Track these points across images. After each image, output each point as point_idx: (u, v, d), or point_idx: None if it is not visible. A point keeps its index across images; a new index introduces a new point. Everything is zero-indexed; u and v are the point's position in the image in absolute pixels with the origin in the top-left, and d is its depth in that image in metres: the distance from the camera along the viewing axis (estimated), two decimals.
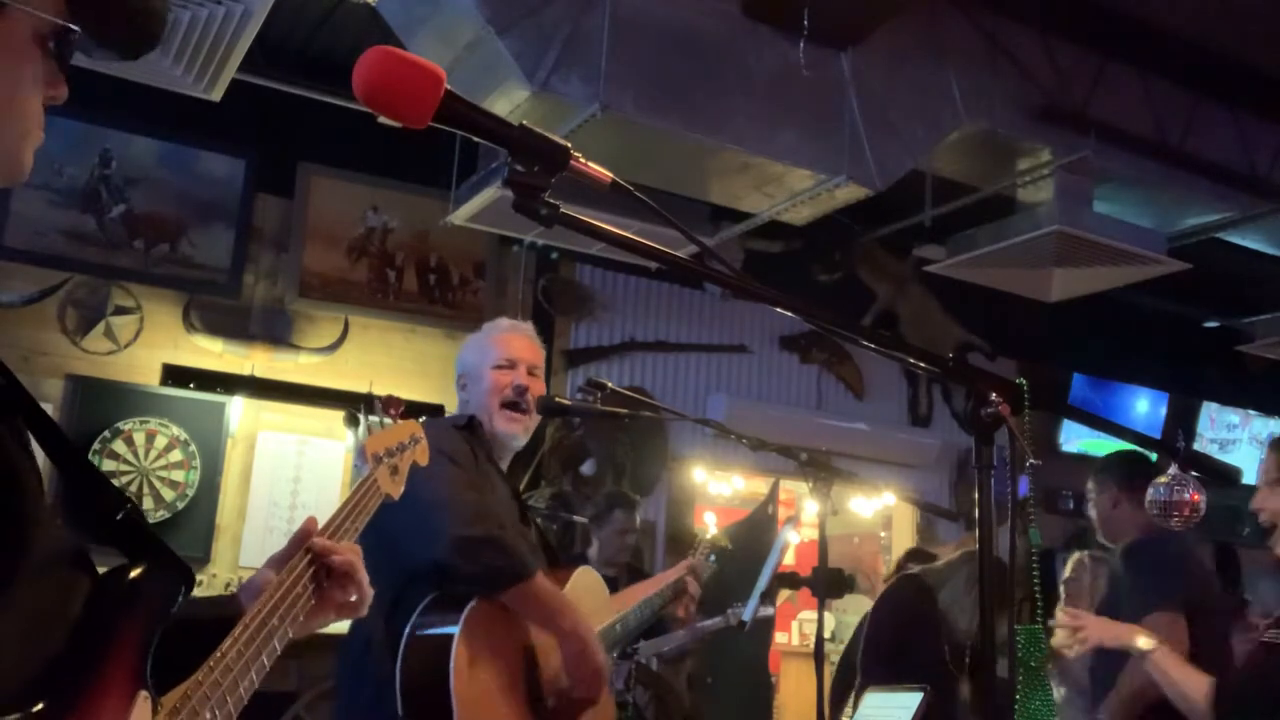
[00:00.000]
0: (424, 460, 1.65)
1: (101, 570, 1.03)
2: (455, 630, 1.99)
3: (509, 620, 2.11)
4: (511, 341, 2.46)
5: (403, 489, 1.55)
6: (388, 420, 1.61)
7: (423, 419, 1.82)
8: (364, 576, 1.33)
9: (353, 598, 1.32)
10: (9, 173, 1.05)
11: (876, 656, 3.67)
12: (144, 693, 0.97)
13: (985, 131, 4.67)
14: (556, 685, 2.15)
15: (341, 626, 2.16)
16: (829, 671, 4.02)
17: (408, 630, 2.03)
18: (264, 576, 1.29)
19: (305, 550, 1.28)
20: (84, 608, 0.98)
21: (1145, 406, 7.77)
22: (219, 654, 1.09)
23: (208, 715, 1.04)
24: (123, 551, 1.06)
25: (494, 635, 2.07)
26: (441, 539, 2.05)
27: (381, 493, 1.49)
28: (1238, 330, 7.01)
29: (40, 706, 0.89)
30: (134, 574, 1.01)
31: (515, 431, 2.41)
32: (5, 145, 1.03)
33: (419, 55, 1.06)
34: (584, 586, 2.39)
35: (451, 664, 1.96)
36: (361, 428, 1.65)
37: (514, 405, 2.40)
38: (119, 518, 1.05)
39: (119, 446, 5.01)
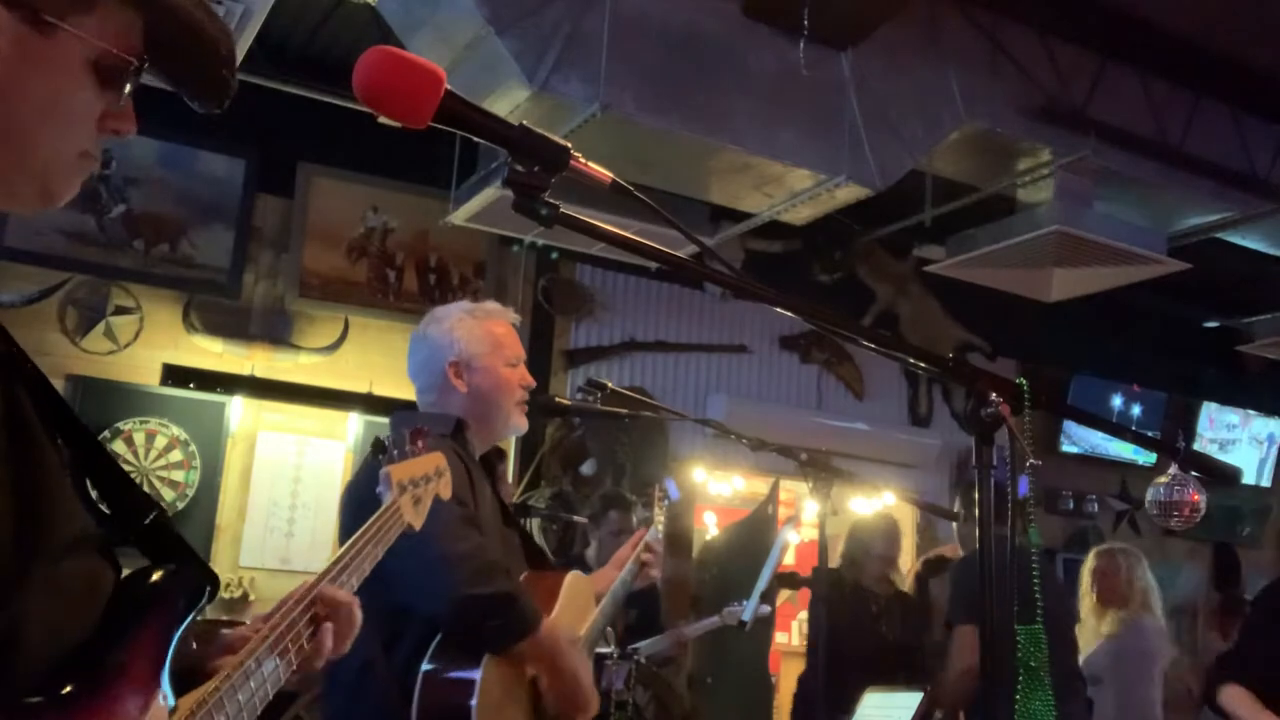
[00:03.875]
0: (446, 494, 1.62)
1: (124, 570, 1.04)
2: (477, 675, 1.98)
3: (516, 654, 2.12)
4: (515, 336, 2.47)
5: (424, 521, 1.53)
6: (411, 450, 1.58)
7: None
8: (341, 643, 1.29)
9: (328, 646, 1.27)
10: (37, 193, 1.00)
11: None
12: (162, 692, 0.97)
13: (985, 131, 4.67)
14: (553, 708, 2.17)
15: None
16: None
17: (424, 670, 2.00)
18: (250, 628, 1.25)
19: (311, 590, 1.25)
20: (109, 600, 0.98)
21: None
22: (236, 660, 1.09)
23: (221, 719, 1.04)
24: (145, 554, 1.06)
25: (507, 671, 2.07)
26: (447, 597, 2.02)
27: (404, 522, 1.47)
28: (1237, 330, 7.01)
29: (69, 689, 0.89)
30: (157, 575, 1.01)
31: (525, 425, 2.44)
32: (35, 166, 0.98)
33: (419, 55, 1.06)
34: (574, 592, 2.37)
35: (474, 712, 1.95)
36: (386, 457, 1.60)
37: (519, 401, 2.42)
38: (147, 522, 1.05)
39: (119, 446, 5.01)
